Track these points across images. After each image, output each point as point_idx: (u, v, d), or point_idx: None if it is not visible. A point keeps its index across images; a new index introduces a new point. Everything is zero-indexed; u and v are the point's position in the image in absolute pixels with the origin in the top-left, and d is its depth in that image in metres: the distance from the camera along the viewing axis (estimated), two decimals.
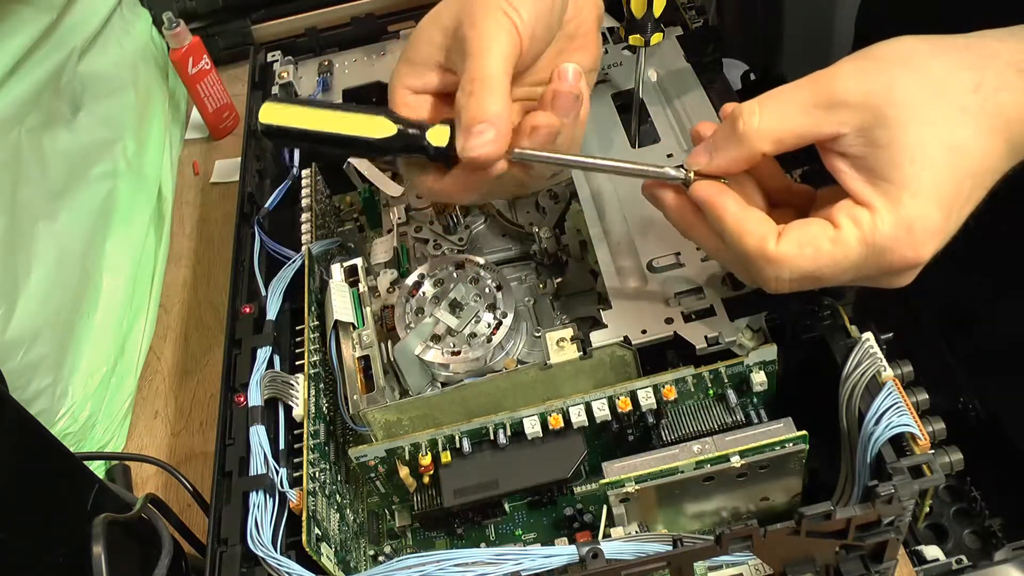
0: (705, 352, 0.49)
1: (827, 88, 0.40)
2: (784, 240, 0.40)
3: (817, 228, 0.40)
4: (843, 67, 0.40)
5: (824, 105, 0.40)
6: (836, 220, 0.40)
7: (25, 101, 0.78)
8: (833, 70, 0.40)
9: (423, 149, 0.44)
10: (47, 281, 0.74)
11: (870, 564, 0.43)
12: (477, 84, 0.42)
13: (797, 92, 0.41)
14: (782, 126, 0.40)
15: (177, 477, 0.60)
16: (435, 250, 0.63)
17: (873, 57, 0.40)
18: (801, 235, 0.40)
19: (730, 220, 0.41)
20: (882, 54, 0.40)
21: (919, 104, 0.39)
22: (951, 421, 0.47)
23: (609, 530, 0.49)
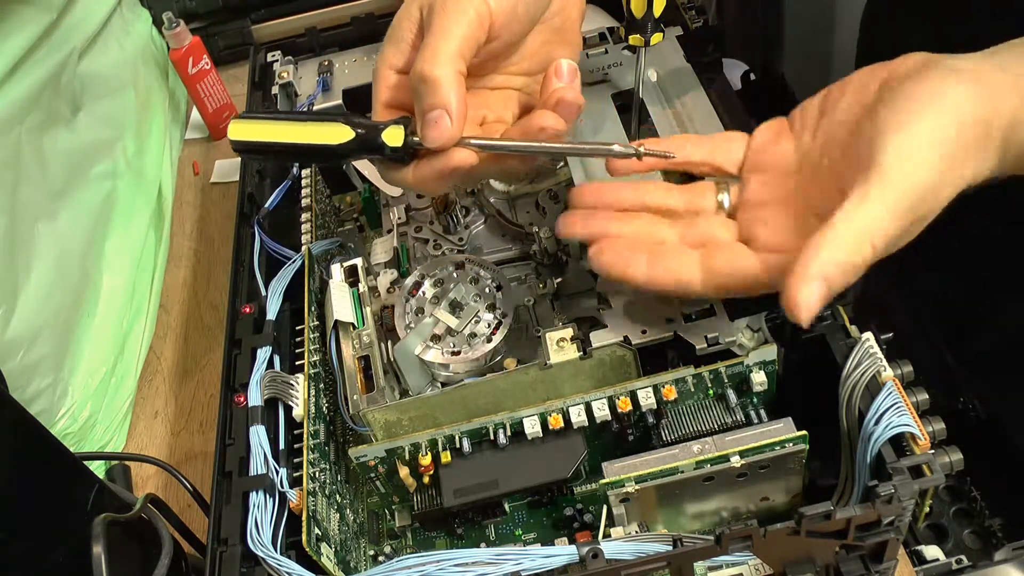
0: (705, 352, 0.49)
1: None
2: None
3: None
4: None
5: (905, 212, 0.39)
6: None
7: (25, 101, 0.78)
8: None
9: (380, 149, 0.44)
10: (47, 281, 0.74)
11: (870, 564, 0.43)
12: (427, 66, 0.42)
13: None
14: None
15: (177, 477, 0.60)
16: (435, 250, 0.63)
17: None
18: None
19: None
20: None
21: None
22: (951, 421, 0.47)
23: (609, 530, 0.49)
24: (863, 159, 0.40)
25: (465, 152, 0.44)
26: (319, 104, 0.74)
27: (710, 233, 0.48)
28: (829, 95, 0.47)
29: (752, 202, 0.48)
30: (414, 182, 0.46)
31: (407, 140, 0.44)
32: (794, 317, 0.38)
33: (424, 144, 0.44)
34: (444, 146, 0.43)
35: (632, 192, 0.50)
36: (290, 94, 0.76)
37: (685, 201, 0.50)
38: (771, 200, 0.47)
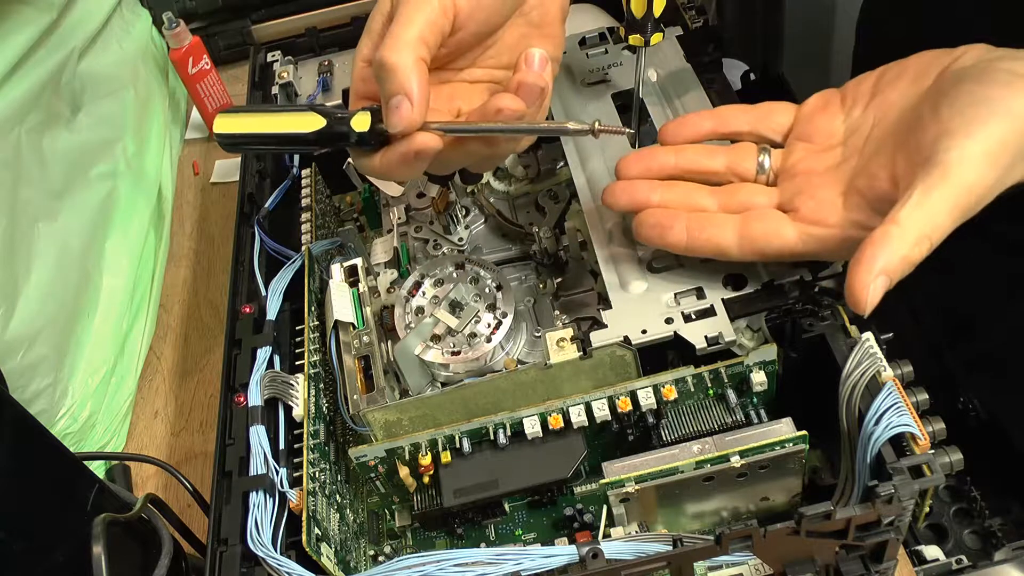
0: (705, 352, 0.49)
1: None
2: None
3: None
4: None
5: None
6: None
7: (25, 101, 0.78)
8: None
9: (347, 137, 0.45)
10: (47, 281, 0.74)
11: (870, 564, 0.43)
12: (388, 52, 0.43)
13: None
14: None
15: (177, 477, 0.60)
16: (435, 250, 0.63)
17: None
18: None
19: None
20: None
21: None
22: (951, 421, 0.47)
23: (609, 530, 0.49)
24: (924, 154, 0.41)
25: (427, 136, 0.44)
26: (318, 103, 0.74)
27: (749, 200, 0.49)
28: (886, 74, 0.48)
29: (794, 170, 0.49)
30: (381, 167, 0.46)
31: (373, 127, 0.45)
32: (857, 308, 0.40)
33: (388, 130, 0.44)
34: (406, 131, 0.44)
35: (674, 157, 0.52)
36: (290, 94, 0.76)
37: (727, 163, 0.51)
38: (813, 170, 0.48)
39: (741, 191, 0.50)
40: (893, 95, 0.47)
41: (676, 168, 0.52)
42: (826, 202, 0.46)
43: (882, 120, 0.47)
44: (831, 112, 0.50)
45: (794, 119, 0.51)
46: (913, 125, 0.43)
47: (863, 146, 0.47)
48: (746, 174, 0.51)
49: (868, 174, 0.45)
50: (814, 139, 0.50)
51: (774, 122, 0.52)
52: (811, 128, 0.50)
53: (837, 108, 0.50)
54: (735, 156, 0.51)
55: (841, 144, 0.48)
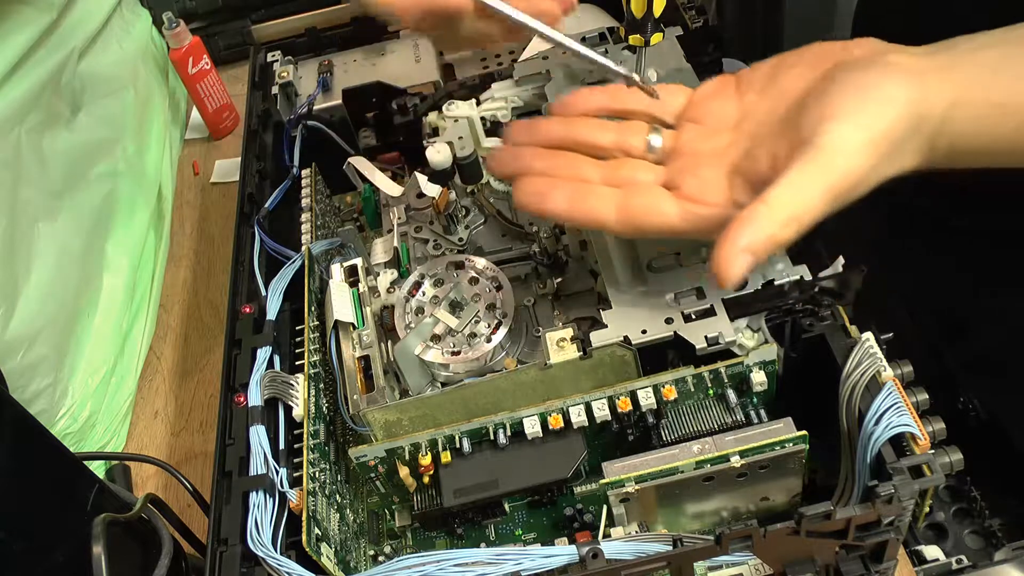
0: (705, 352, 0.49)
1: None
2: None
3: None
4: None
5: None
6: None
7: (25, 101, 0.78)
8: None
9: None
10: (47, 281, 0.74)
11: (870, 564, 0.43)
12: None
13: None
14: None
15: (177, 477, 0.60)
16: (435, 250, 0.63)
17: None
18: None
19: None
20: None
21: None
22: (951, 421, 0.47)
23: (609, 530, 0.49)
24: (804, 136, 0.41)
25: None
26: (319, 104, 0.75)
27: (633, 175, 0.49)
28: (783, 62, 0.48)
29: (683, 151, 0.49)
30: (399, 2, 0.45)
31: None
32: (720, 283, 0.40)
33: None
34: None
35: (562, 128, 0.51)
36: (290, 94, 0.76)
37: (615, 139, 0.50)
38: (702, 152, 0.48)
39: (626, 166, 0.49)
40: (787, 83, 0.47)
41: (564, 139, 0.50)
42: (709, 181, 0.46)
43: (774, 106, 0.46)
44: (725, 96, 0.50)
45: (688, 102, 0.51)
46: (800, 110, 0.43)
47: (754, 130, 0.47)
48: (634, 151, 0.50)
49: (753, 157, 0.45)
50: (705, 122, 0.49)
51: (667, 103, 0.51)
52: (703, 111, 0.50)
53: (731, 93, 0.50)
54: (624, 132, 0.50)
55: (732, 128, 0.48)
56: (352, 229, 0.66)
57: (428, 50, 0.79)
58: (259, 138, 0.75)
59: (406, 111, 0.71)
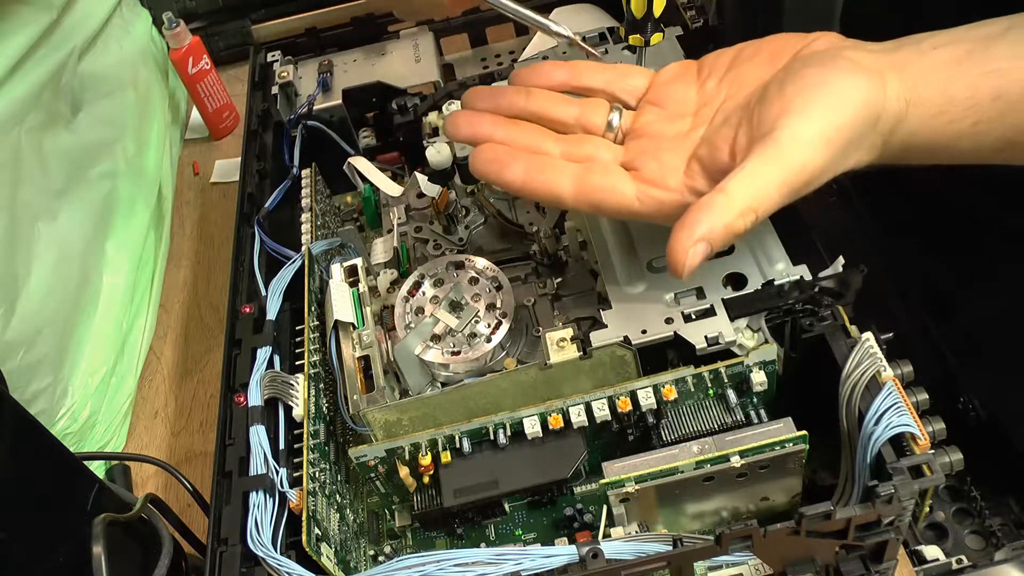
0: (705, 352, 0.49)
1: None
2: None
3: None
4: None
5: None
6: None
7: (25, 101, 0.78)
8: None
9: None
10: (47, 281, 0.74)
11: (870, 564, 0.43)
12: None
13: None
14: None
15: (177, 477, 0.60)
16: (435, 250, 0.63)
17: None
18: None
19: None
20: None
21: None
22: (951, 421, 0.47)
23: (609, 530, 0.49)
24: (763, 129, 0.42)
25: None
26: (319, 104, 0.75)
27: (594, 152, 0.49)
28: (743, 51, 0.49)
29: (642, 132, 0.49)
30: None
31: None
32: (675, 272, 0.41)
33: None
34: None
35: (524, 99, 0.51)
36: (290, 94, 0.76)
37: (576, 115, 0.50)
38: (661, 134, 0.48)
39: (587, 143, 0.49)
40: (747, 71, 0.47)
41: (525, 110, 0.50)
42: (668, 166, 0.46)
43: (734, 95, 0.47)
44: (686, 82, 0.50)
45: (649, 84, 0.51)
46: (759, 101, 0.44)
47: (713, 117, 0.47)
48: (594, 129, 0.50)
49: (711, 144, 0.45)
50: (666, 105, 0.50)
51: (629, 84, 0.51)
52: (665, 95, 0.50)
53: (693, 79, 0.50)
54: (586, 109, 0.50)
55: (692, 114, 0.49)
56: (352, 229, 0.66)
57: (428, 50, 0.79)
58: (259, 138, 0.75)
59: (406, 111, 0.71)
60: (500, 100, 0.51)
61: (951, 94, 0.41)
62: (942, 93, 0.41)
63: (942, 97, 0.41)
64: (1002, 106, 0.41)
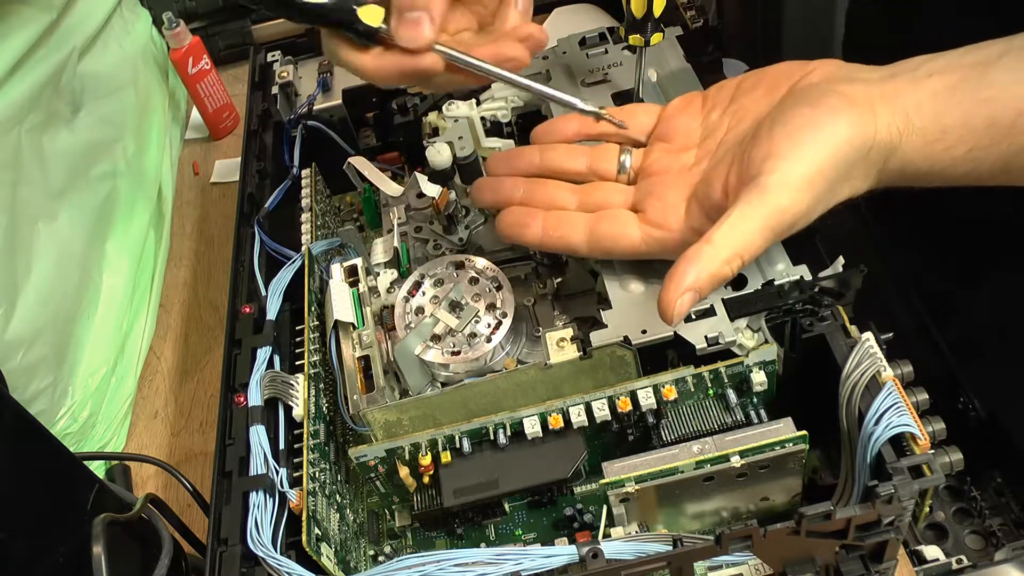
0: (705, 352, 0.49)
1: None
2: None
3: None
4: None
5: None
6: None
7: (25, 101, 0.78)
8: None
9: (350, 22, 0.44)
10: (47, 281, 0.74)
11: (870, 564, 0.43)
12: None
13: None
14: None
15: (177, 477, 0.60)
16: (435, 250, 0.63)
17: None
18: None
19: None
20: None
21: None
22: (951, 421, 0.47)
23: (609, 530, 0.49)
24: (751, 172, 0.43)
25: (435, 58, 0.45)
26: (319, 104, 0.74)
27: (606, 199, 0.51)
28: (744, 82, 0.50)
29: (650, 169, 0.51)
30: (372, 70, 0.45)
31: (380, 27, 0.44)
32: (665, 320, 0.42)
33: (397, 41, 0.44)
34: (415, 48, 0.44)
35: (539, 157, 0.53)
36: (290, 94, 0.76)
37: (589, 163, 0.53)
38: (668, 170, 0.50)
39: (599, 190, 0.52)
40: (748, 103, 0.48)
41: (541, 167, 0.53)
42: (671, 205, 0.48)
43: (735, 126, 0.48)
44: (690, 114, 0.51)
45: (657, 119, 0.53)
46: (750, 141, 0.45)
47: (715, 152, 0.49)
48: (607, 174, 0.52)
49: (707, 182, 0.47)
50: (672, 139, 0.51)
51: (638, 122, 0.53)
52: (671, 128, 0.52)
53: (697, 110, 0.51)
54: (597, 157, 0.53)
55: (696, 146, 0.50)
56: (352, 229, 0.66)
57: None
58: (259, 138, 0.75)
59: (406, 111, 0.71)
60: (518, 163, 0.54)
61: (944, 123, 0.41)
62: (935, 121, 0.42)
63: (936, 125, 0.42)
64: (995, 133, 0.41)
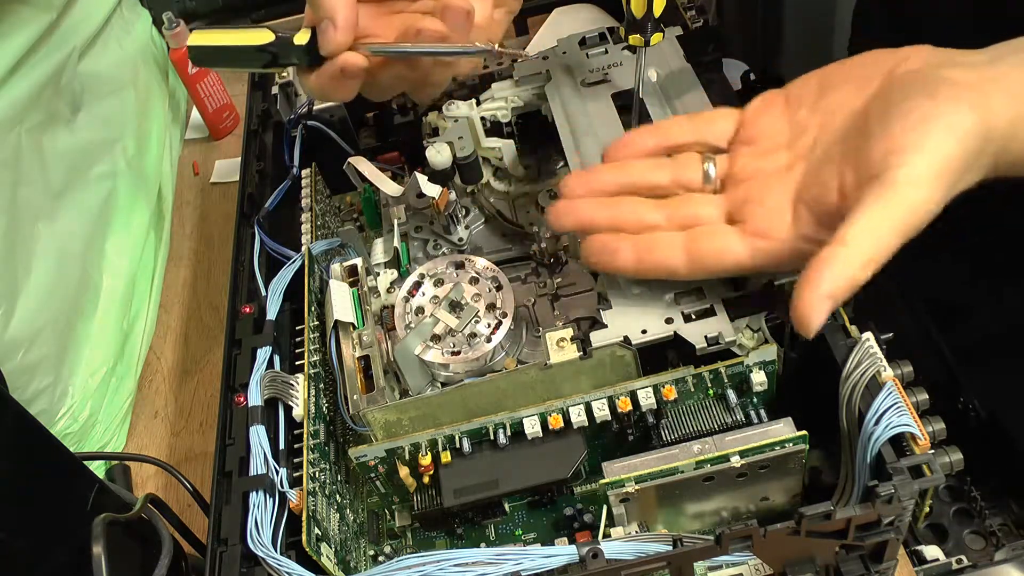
0: (705, 352, 0.49)
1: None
2: None
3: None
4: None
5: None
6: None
7: (25, 101, 0.78)
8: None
9: (291, 51, 0.49)
10: (47, 281, 0.74)
11: (870, 564, 0.43)
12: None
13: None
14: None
15: (177, 477, 0.60)
16: (435, 250, 0.63)
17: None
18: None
19: None
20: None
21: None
22: (951, 421, 0.47)
23: (609, 530, 0.49)
24: (873, 170, 0.40)
25: (351, 55, 0.46)
26: (319, 104, 0.74)
27: (697, 212, 0.48)
28: (829, 75, 0.47)
29: (740, 175, 0.48)
30: (315, 84, 0.48)
31: (310, 43, 0.48)
32: (803, 332, 0.40)
33: (319, 51, 0.47)
34: (333, 53, 0.46)
35: (618, 173, 0.51)
36: (290, 94, 0.76)
37: (671, 175, 0.50)
38: (759, 173, 0.47)
39: (688, 203, 0.49)
40: (838, 98, 0.46)
41: (621, 185, 0.50)
42: (774, 211, 0.45)
43: (828, 124, 0.46)
44: (774, 114, 0.49)
45: (737, 123, 0.50)
46: (862, 136, 0.42)
47: (811, 151, 0.46)
48: (692, 184, 0.50)
49: (817, 184, 0.44)
50: (758, 142, 0.49)
51: (717, 128, 0.51)
52: (754, 131, 0.49)
53: (781, 109, 0.49)
54: (680, 167, 0.50)
55: (786, 147, 0.47)
56: (352, 229, 0.66)
57: None
58: (259, 138, 0.75)
59: (406, 111, 0.71)
60: (595, 183, 0.51)
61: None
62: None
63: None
64: None
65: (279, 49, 0.49)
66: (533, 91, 0.66)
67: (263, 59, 0.49)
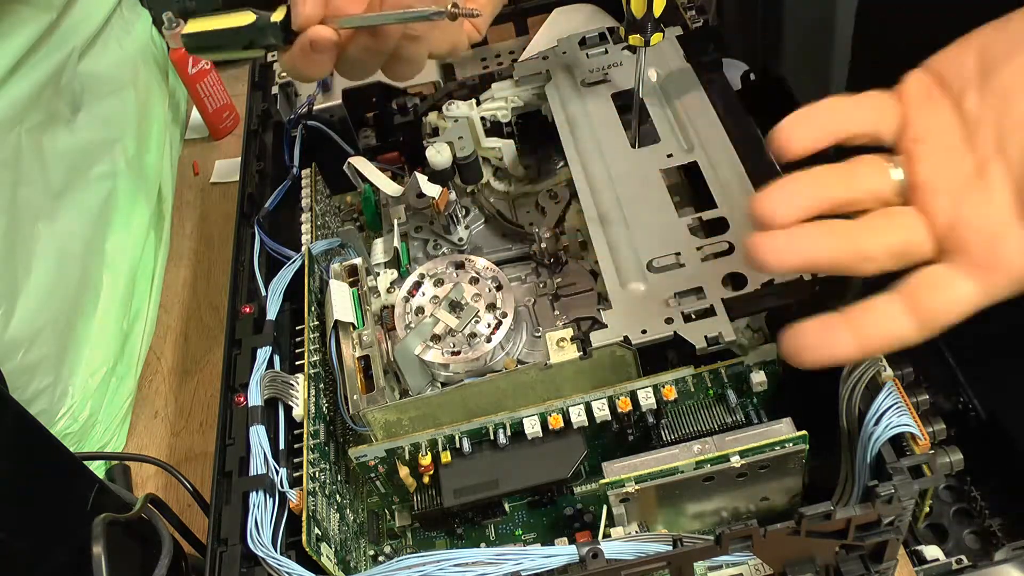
0: (705, 352, 0.49)
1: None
2: None
3: None
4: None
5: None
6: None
7: (25, 101, 0.78)
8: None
9: (269, 29, 0.49)
10: (47, 281, 0.74)
11: (870, 564, 0.43)
12: None
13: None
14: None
15: (177, 477, 0.60)
16: (435, 250, 0.63)
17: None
18: None
19: None
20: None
21: None
22: (951, 421, 0.47)
23: (609, 530, 0.49)
24: None
25: (320, 29, 0.48)
26: (319, 104, 0.74)
27: (907, 240, 0.39)
28: (989, 46, 0.39)
29: (928, 186, 0.39)
30: (289, 61, 0.49)
31: (285, 19, 0.49)
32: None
33: (292, 25, 0.48)
34: (303, 26, 0.47)
35: (815, 187, 0.40)
36: (290, 94, 0.76)
37: (863, 183, 0.40)
38: (952, 187, 0.38)
39: (892, 224, 0.39)
40: (1011, 77, 0.37)
41: (822, 201, 0.39)
42: (997, 237, 0.37)
43: (1012, 109, 0.37)
44: (934, 104, 0.40)
45: (901, 117, 0.40)
46: None
47: (1000, 150, 0.37)
48: (881, 196, 0.40)
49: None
50: (928, 140, 0.39)
51: (884, 117, 0.41)
52: (923, 128, 0.39)
53: (939, 97, 0.40)
54: (863, 173, 0.40)
55: (965, 147, 0.38)
56: (352, 229, 0.66)
57: None
58: (259, 138, 0.75)
59: (406, 111, 0.71)
60: (800, 201, 0.39)
61: None
62: None
63: None
64: None
65: (259, 28, 0.50)
66: (533, 91, 0.66)
67: (245, 39, 0.50)
